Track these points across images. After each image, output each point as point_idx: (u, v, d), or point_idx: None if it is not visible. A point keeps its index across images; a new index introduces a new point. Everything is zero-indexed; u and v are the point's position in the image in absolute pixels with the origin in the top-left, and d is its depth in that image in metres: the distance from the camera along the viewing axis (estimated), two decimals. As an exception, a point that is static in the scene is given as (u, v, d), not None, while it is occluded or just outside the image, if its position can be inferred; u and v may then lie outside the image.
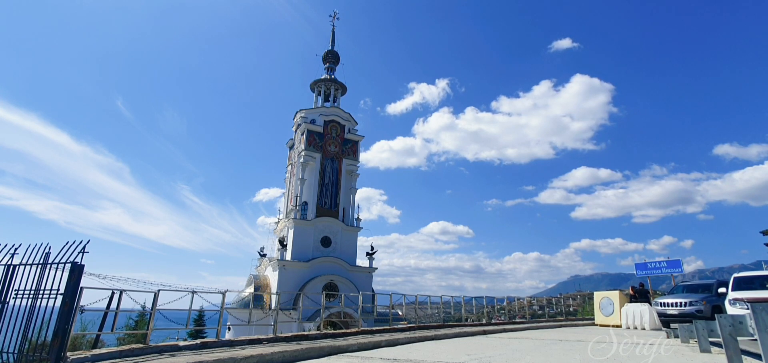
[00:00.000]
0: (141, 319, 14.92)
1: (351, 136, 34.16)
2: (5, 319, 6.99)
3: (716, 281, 14.43)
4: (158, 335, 11.62)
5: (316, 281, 27.95)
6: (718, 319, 5.99)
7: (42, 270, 7.15)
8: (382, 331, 13.71)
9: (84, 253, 7.14)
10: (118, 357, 7.60)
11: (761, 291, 10.73)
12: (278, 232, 33.29)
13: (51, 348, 6.66)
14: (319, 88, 36.49)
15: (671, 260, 23.82)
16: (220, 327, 10.30)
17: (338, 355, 9.18)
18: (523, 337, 13.04)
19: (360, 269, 30.82)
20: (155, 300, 8.86)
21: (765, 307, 4.80)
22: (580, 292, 75.70)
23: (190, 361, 7.10)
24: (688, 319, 12.10)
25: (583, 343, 11.02)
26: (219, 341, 9.56)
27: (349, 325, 19.33)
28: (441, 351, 9.64)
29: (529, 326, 19.15)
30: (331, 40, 38.13)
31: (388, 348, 10.23)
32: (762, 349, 4.70)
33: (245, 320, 12.99)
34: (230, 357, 7.44)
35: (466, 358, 8.43)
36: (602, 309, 19.29)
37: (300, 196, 30.75)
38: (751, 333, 5.34)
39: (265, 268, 31.54)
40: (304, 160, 31.47)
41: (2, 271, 7.33)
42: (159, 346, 8.61)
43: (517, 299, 47.34)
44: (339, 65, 37.81)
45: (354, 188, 33.37)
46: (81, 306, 7.36)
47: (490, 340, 12.44)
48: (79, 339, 9.77)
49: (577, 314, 31.19)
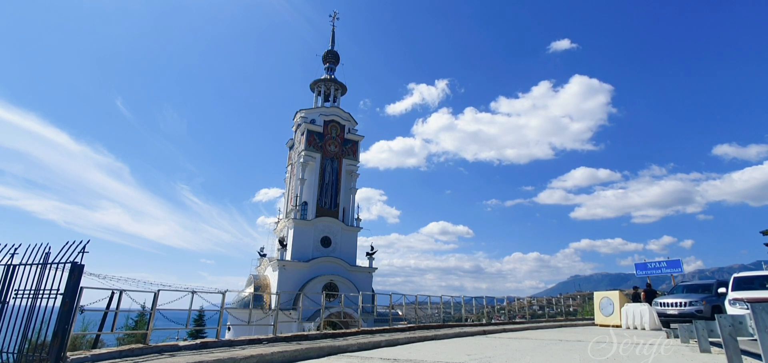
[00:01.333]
0: (141, 319, 14.91)
1: (351, 136, 34.15)
2: (5, 319, 6.99)
3: (716, 281, 14.43)
4: (158, 335, 11.61)
5: (316, 281, 27.94)
6: (718, 319, 5.99)
7: (42, 270, 7.15)
8: (382, 331, 13.71)
9: (84, 253, 7.14)
10: (118, 357, 7.60)
11: (761, 291, 10.73)
12: (278, 232, 33.29)
13: (51, 348, 6.66)
14: (319, 88, 36.48)
15: (671, 260, 23.82)
16: (220, 327, 10.30)
17: (338, 355, 9.18)
18: (523, 337, 13.04)
19: (360, 269, 30.81)
20: (155, 300, 8.86)
21: (765, 307, 4.80)
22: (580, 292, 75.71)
23: (190, 361, 7.10)
24: (688, 319, 12.10)
25: (583, 343, 11.02)
26: (219, 341, 9.56)
27: (349, 325, 19.33)
28: (441, 351, 9.64)
29: (529, 326, 19.15)
30: (331, 40, 38.14)
31: (388, 348, 10.23)
32: (762, 349, 4.70)
33: (245, 320, 13.00)
34: (230, 357, 7.44)
35: (466, 358, 8.43)
36: (602, 309, 19.29)
37: (300, 196, 30.74)
38: (751, 333, 5.34)
39: (265, 268, 31.54)
40: (304, 160, 31.46)
41: (2, 271, 7.33)
42: (159, 346, 8.61)
43: (517, 299, 47.33)
44: (339, 65, 37.82)
45: (354, 188, 33.37)
46: (81, 306, 7.36)
47: (490, 340, 12.44)
48: (79, 339, 9.76)
49: (577, 314, 31.19)
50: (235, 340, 10.10)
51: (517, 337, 13.10)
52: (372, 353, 9.30)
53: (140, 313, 12.07)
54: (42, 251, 7.27)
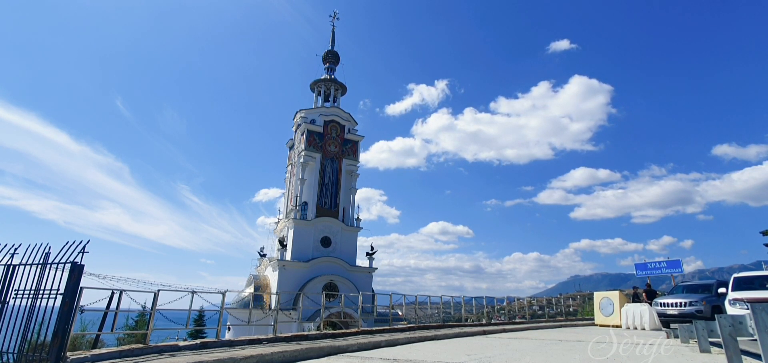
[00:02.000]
0: (141, 319, 14.90)
1: (351, 137, 34.15)
2: (5, 319, 7.00)
3: (716, 281, 14.44)
4: (158, 335, 11.61)
5: (316, 281, 27.94)
6: (717, 320, 5.99)
7: (42, 270, 7.15)
8: (382, 331, 13.71)
9: (84, 253, 7.14)
10: (118, 357, 7.60)
11: (761, 291, 10.74)
12: (278, 232, 33.28)
13: (51, 348, 6.66)
14: (319, 89, 36.48)
15: (671, 260, 23.82)
16: (220, 327, 10.30)
17: (338, 355, 9.18)
18: (523, 337, 13.04)
19: (360, 269, 30.81)
20: (155, 300, 8.86)
21: (765, 307, 4.80)
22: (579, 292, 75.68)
23: (190, 361, 7.10)
24: (688, 319, 12.10)
25: (583, 343, 11.03)
26: (219, 341, 9.56)
27: (349, 325, 19.33)
28: (441, 351, 9.64)
29: (529, 326, 19.15)
30: (331, 40, 38.14)
31: (388, 348, 10.23)
32: (762, 349, 4.70)
33: (245, 320, 13.00)
34: (230, 357, 7.44)
35: (466, 358, 8.43)
36: (602, 309, 19.29)
37: (300, 196, 30.74)
38: (751, 333, 5.34)
39: (265, 268, 31.54)
40: (304, 160, 31.46)
41: (2, 271, 7.34)
42: (159, 346, 8.61)
43: (517, 299, 47.35)
44: (339, 65, 37.81)
45: (354, 188, 33.36)
46: (81, 306, 7.36)
47: (490, 340, 12.44)
48: (79, 339, 9.76)
49: (577, 314, 31.19)
50: (235, 340, 10.10)
51: (517, 337, 13.10)
52: (372, 353, 9.30)
53: (140, 313, 12.07)
54: (42, 251, 7.27)
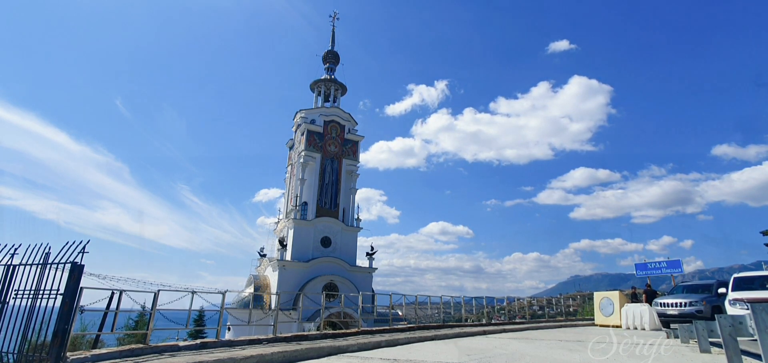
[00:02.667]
0: (141, 319, 14.89)
1: (351, 137, 34.15)
2: (5, 320, 7.00)
3: (716, 281, 14.44)
4: (158, 335, 11.61)
5: (316, 281, 27.94)
6: (718, 320, 6.00)
7: (42, 270, 7.15)
8: (382, 332, 13.70)
9: (84, 253, 7.14)
10: (118, 357, 7.59)
11: (761, 291, 10.74)
12: (278, 232, 33.28)
13: (51, 348, 6.66)
14: (319, 89, 36.47)
15: (671, 260, 23.81)
16: (220, 327, 10.30)
17: (338, 355, 9.18)
18: (523, 338, 13.04)
19: (360, 269, 30.81)
20: (155, 300, 8.86)
21: (765, 308, 4.80)
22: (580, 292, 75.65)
23: (190, 361, 7.10)
24: (688, 319, 12.10)
25: (583, 343, 11.03)
26: (219, 341, 9.56)
27: (349, 325, 19.32)
28: (441, 351, 9.64)
29: (529, 326, 19.14)
30: (331, 40, 38.13)
31: (388, 348, 10.23)
32: (762, 350, 4.70)
33: (245, 320, 13.00)
34: (230, 357, 7.44)
35: (466, 358, 8.43)
36: (602, 309, 19.28)
37: (300, 196, 30.74)
38: (751, 333, 5.34)
39: (265, 269, 31.53)
40: (304, 160, 31.46)
41: (2, 271, 7.33)
42: (159, 346, 8.61)
43: (517, 299, 47.32)
44: (339, 65, 37.80)
45: (354, 188, 33.36)
46: (81, 306, 7.36)
47: (490, 340, 12.44)
48: (79, 339, 9.76)
49: (577, 314, 31.17)
50: (235, 340, 10.09)
51: (517, 337, 13.09)
52: (372, 353, 9.30)
53: (140, 313, 12.06)
54: (42, 251, 7.27)
